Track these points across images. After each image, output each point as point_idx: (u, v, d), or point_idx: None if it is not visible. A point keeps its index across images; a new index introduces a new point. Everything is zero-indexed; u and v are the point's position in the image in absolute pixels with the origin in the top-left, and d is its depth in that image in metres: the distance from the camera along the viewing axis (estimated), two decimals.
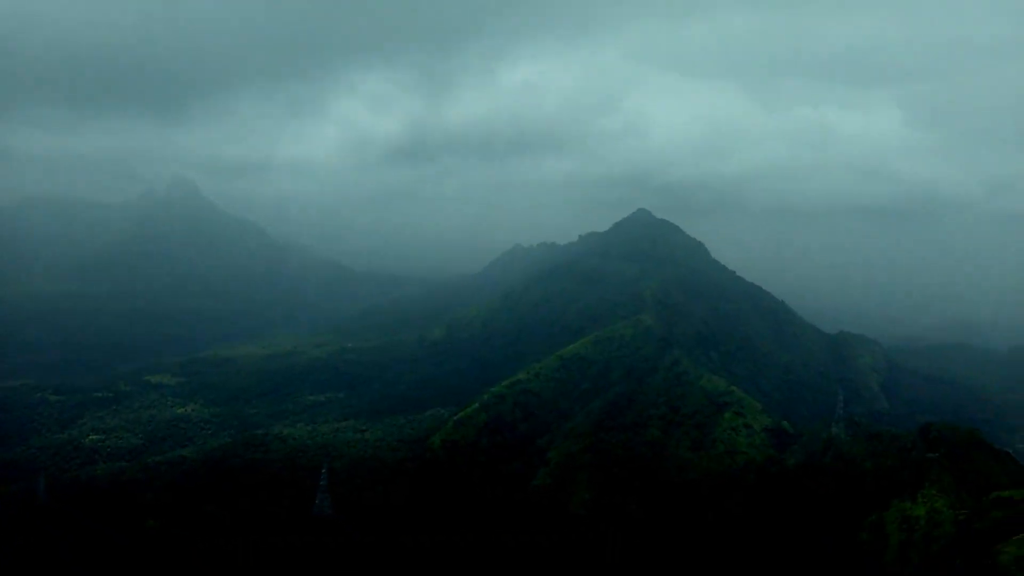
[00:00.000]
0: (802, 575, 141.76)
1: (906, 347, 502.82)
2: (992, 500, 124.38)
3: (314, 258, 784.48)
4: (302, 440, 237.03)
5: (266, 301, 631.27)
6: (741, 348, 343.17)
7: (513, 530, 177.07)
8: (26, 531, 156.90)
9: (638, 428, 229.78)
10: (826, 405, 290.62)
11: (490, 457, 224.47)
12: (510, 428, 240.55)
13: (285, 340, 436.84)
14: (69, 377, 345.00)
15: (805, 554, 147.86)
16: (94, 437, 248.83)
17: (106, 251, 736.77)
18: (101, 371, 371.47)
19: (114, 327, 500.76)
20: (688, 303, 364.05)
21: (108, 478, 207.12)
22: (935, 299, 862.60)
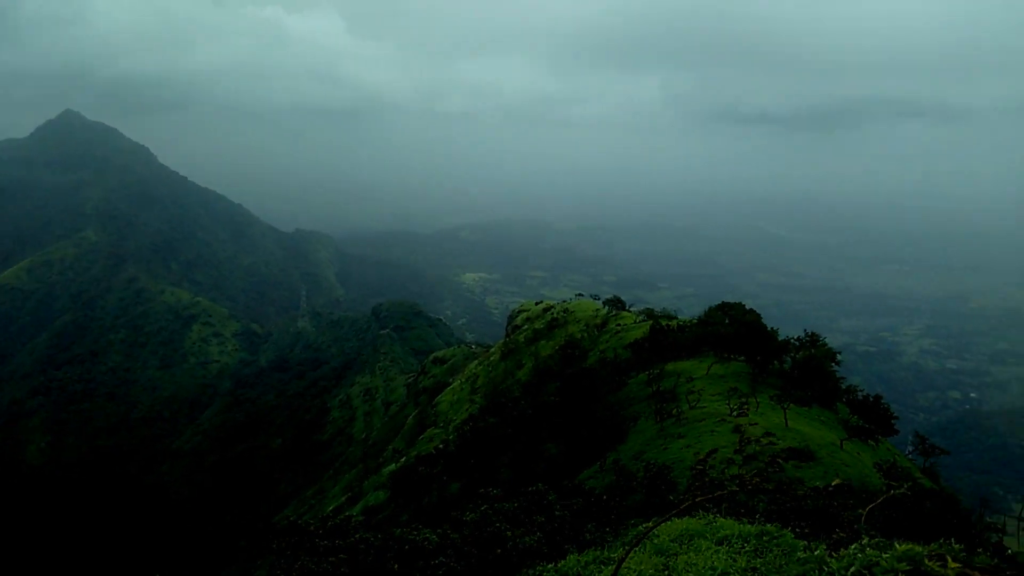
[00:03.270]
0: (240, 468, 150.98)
1: (355, 237, 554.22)
2: (432, 360, 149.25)
3: None
4: None
5: None
6: (202, 256, 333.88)
7: None
8: None
9: (95, 357, 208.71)
10: (291, 301, 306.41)
11: None
12: None
13: None
14: None
15: (285, 447, 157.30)
16: None
17: None
18: None
19: None
20: (138, 213, 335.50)
21: None
22: (378, 192, 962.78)
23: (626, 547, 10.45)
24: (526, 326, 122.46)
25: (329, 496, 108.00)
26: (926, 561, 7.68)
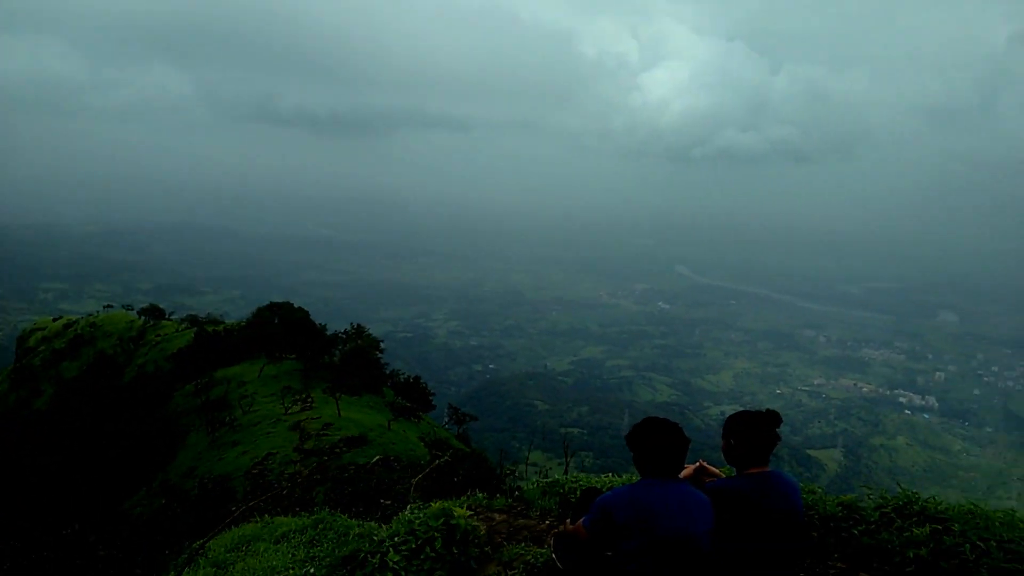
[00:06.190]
0: None
1: None
2: None
3: None
4: None
5: None
6: None
7: None
8: None
9: None
10: None
11: None
12: None
13: None
14: None
15: None
16: None
17: None
18: None
19: None
20: None
21: None
22: None
23: (177, 569, 9.92)
24: (43, 347, 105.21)
25: None
26: (455, 512, 8.99)
